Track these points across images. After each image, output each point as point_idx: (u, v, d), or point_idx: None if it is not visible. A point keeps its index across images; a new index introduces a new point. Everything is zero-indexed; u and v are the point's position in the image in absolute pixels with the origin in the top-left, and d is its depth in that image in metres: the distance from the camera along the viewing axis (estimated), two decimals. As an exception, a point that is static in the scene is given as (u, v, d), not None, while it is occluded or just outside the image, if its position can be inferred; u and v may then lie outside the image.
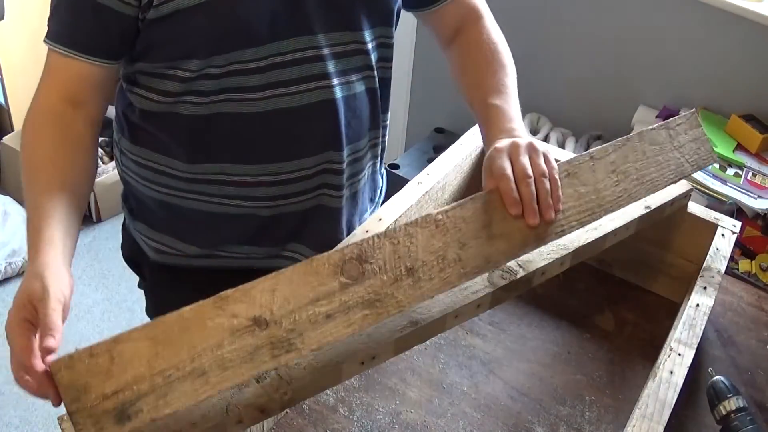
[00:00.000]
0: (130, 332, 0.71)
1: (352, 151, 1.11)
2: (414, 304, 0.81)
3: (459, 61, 1.17)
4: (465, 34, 1.17)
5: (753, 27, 1.95)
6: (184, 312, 0.73)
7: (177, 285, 1.17)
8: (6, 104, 2.65)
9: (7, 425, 2.00)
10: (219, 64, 0.98)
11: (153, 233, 1.15)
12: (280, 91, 1.01)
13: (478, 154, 1.25)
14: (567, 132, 2.31)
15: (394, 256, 0.83)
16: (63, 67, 0.98)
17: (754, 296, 1.23)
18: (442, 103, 2.63)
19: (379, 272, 0.81)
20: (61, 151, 0.97)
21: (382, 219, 1.06)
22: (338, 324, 0.77)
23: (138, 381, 0.68)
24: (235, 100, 1.00)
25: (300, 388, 0.78)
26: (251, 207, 1.08)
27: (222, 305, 0.74)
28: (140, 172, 1.11)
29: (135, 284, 1.27)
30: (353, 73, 1.07)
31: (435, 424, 0.98)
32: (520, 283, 0.94)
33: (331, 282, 0.79)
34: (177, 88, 1.01)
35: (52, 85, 0.99)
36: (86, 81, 0.99)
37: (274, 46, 0.99)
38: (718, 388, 0.95)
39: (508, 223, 0.89)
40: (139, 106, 1.06)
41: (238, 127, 1.02)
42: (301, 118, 1.03)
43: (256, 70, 0.99)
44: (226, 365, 0.71)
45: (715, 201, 1.83)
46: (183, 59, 0.98)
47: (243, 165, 1.05)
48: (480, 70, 1.12)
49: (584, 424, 1.00)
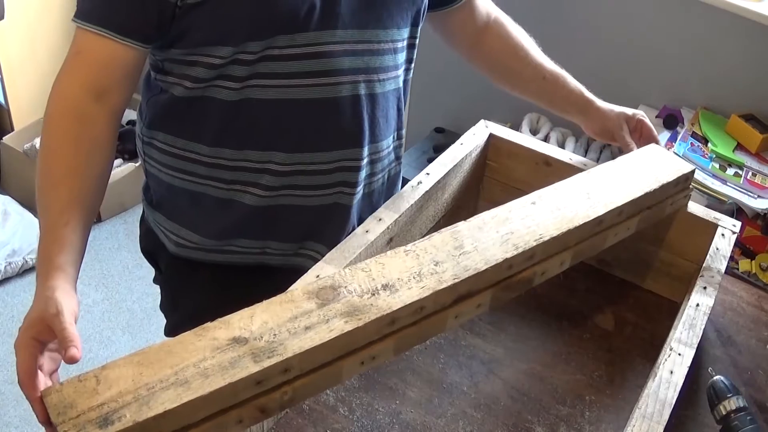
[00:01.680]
0: (116, 360, 0.75)
1: (373, 150, 1.11)
2: (395, 308, 0.81)
3: (504, 46, 1.24)
4: (496, 24, 1.23)
5: (753, 27, 1.95)
6: (167, 341, 0.77)
7: (193, 279, 1.18)
8: (6, 104, 2.65)
9: (7, 425, 2.00)
10: (253, 50, 0.98)
11: (171, 224, 1.15)
12: (309, 81, 1.02)
13: (479, 154, 1.25)
14: (567, 132, 2.30)
15: (368, 279, 0.85)
16: (95, 48, 0.95)
17: (754, 296, 1.23)
18: (442, 103, 2.63)
19: (354, 293, 0.83)
20: (82, 158, 0.95)
21: (382, 219, 1.06)
22: (319, 331, 0.78)
23: (123, 395, 0.71)
24: (266, 86, 1.01)
25: (300, 388, 0.78)
26: (268, 197, 1.08)
27: (202, 333, 0.77)
28: (162, 159, 1.11)
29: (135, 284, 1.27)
30: (382, 71, 1.08)
31: (435, 424, 0.98)
32: (520, 283, 0.94)
33: (307, 304, 0.81)
34: (208, 74, 1.01)
35: (78, 70, 0.96)
36: (116, 66, 0.96)
37: (308, 36, 0.99)
38: (718, 388, 0.95)
39: (480, 243, 0.91)
40: (170, 93, 1.05)
41: (265, 113, 1.02)
42: (327, 110, 1.04)
43: (288, 57, 0.99)
44: (207, 374, 0.73)
45: (715, 201, 1.83)
46: (216, 45, 0.98)
47: (267, 152, 1.05)
48: (534, 48, 1.26)
49: (584, 424, 1.00)
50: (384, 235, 1.05)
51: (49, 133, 0.95)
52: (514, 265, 0.92)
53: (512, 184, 1.28)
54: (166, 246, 1.18)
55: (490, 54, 1.26)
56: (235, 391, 0.73)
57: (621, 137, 1.21)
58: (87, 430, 0.68)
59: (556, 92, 1.25)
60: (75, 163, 0.94)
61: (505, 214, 0.97)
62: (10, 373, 2.16)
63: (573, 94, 1.24)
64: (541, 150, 1.24)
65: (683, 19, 2.10)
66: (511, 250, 0.91)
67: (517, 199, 1.01)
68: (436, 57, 2.65)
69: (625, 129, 1.22)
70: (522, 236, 0.93)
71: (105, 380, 0.72)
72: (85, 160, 0.95)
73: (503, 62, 1.26)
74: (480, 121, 1.29)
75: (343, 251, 1.01)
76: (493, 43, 1.25)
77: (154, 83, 1.08)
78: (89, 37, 0.95)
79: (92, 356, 2.22)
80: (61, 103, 0.96)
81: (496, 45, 1.25)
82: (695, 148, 1.98)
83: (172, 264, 1.19)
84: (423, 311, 0.85)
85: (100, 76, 0.96)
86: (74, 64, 0.96)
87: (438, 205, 1.18)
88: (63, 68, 0.97)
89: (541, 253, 0.94)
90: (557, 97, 1.26)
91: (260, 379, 0.74)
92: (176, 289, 1.23)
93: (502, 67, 1.27)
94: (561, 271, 1.00)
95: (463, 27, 1.24)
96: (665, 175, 1.09)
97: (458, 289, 0.87)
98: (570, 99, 1.25)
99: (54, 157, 0.94)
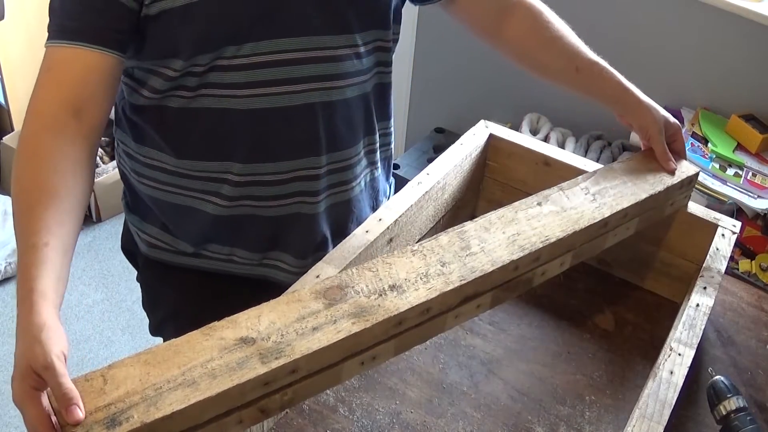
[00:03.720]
0: (123, 359, 0.74)
1: (336, 158, 1.08)
2: (402, 309, 0.81)
3: (528, 34, 1.15)
4: (519, 10, 1.15)
5: (753, 27, 1.95)
6: (174, 340, 0.76)
7: (167, 281, 1.18)
8: (6, 104, 2.65)
9: (7, 425, 2.00)
10: (202, 63, 0.97)
11: (144, 226, 1.15)
12: (262, 91, 1.00)
13: (479, 154, 1.25)
14: (567, 132, 2.30)
15: (375, 279, 0.85)
16: (68, 62, 0.92)
17: (754, 296, 1.23)
18: (442, 103, 2.63)
19: (362, 293, 0.83)
20: (60, 179, 0.88)
21: (382, 219, 1.06)
22: (326, 332, 0.78)
23: (130, 395, 0.70)
24: (218, 95, 1.00)
25: (300, 389, 0.78)
26: (229, 206, 1.07)
27: (210, 332, 0.77)
28: (133, 165, 1.11)
29: (135, 284, 1.27)
30: (341, 78, 1.04)
31: (435, 424, 0.98)
32: (520, 283, 0.94)
33: (314, 304, 0.81)
34: (163, 85, 1.00)
35: (53, 87, 0.92)
36: (92, 77, 0.93)
37: (256, 46, 0.98)
38: (718, 388, 0.95)
39: (486, 244, 0.91)
40: (129, 100, 1.06)
41: (218, 123, 1.02)
42: (281, 119, 1.02)
43: (237, 67, 0.98)
44: (215, 374, 0.73)
45: (715, 201, 1.83)
46: (169, 58, 0.97)
47: (222, 162, 1.04)
48: (567, 36, 1.16)
49: (584, 424, 1.00)
50: (384, 235, 1.05)
51: (26, 154, 0.89)
52: (520, 267, 0.92)
53: (512, 184, 1.28)
54: (139, 247, 1.18)
55: (513, 43, 1.17)
56: (243, 392, 0.73)
57: (658, 142, 1.12)
58: (94, 430, 0.68)
59: (591, 85, 1.16)
60: (53, 183, 0.87)
61: (512, 215, 0.97)
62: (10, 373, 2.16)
63: (609, 88, 1.15)
64: (541, 150, 1.24)
65: (683, 19, 2.10)
66: (518, 251, 0.91)
67: (523, 199, 1.01)
68: (436, 57, 2.66)
69: (663, 134, 1.13)
70: (528, 237, 0.93)
71: (112, 380, 0.71)
72: (64, 180, 0.88)
73: (529, 53, 1.17)
74: (480, 121, 1.29)
75: (343, 251, 1.01)
76: (514, 31, 1.16)
77: (122, 88, 1.08)
78: (62, 52, 0.92)
79: (92, 356, 2.22)
80: (38, 122, 0.90)
81: (518, 33, 1.16)
82: (695, 148, 1.98)
83: (147, 264, 1.19)
84: (429, 312, 0.85)
85: (76, 90, 0.92)
86: (47, 81, 0.92)
87: (438, 205, 1.18)
88: (36, 88, 0.92)
89: (546, 255, 0.94)
90: (593, 90, 1.17)
91: (268, 380, 0.74)
92: (154, 289, 1.23)
93: (529, 58, 1.18)
94: (561, 271, 1.00)
95: (474, 14, 1.17)
96: (670, 177, 1.09)
97: (465, 291, 0.87)
98: (606, 92, 1.15)
99: (31, 177, 0.87)
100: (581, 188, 1.04)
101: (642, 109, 1.14)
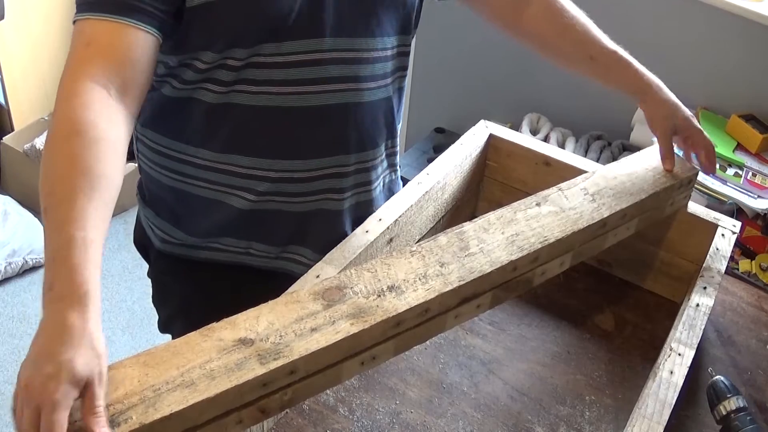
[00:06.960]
0: (121, 360, 0.74)
1: (362, 158, 1.10)
2: (400, 310, 0.81)
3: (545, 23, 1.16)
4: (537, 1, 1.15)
5: (753, 27, 1.95)
6: (173, 341, 0.76)
7: (179, 276, 1.18)
8: (6, 104, 2.65)
9: (7, 425, 2.00)
10: (239, 57, 0.97)
11: (158, 220, 1.15)
12: (296, 89, 1.01)
13: (478, 154, 1.25)
14: (567, 132, 2.30)
15: (373, 280, 0.85)
16: (111, 37, 0.83)
17: (754, 296, 1.23)
18: (442, 103, 2.63)
19: (361, 294, 0.83)
20: (102, 167, 0.79)
21: (381, 219, 1.06)
22: (325, 333, 0.78)
23: (128, 396, 0.71)
24: (252, 92, 1.00)
25: (300, 389, 0.78)
26: (253, 201, 1.08)
27: (208, 333, 0.77)
28: (154, 157, 1.11)
29: (135, 284, 1.27)
30: (372, 80, 1.06)
31: (435, 424, 0.98)
32: (520, 284, 0.94)
33: (313, 305, 0.81)
34: (194, 76, 1.00)
35: (95, 62, 0.83)
36: (139, 55, 0.86)
37: (295, 44, 0.98)
38: (718, 388, 0.95)
39: (485, 244, 0.91)
40: (159, 90, 1.05)
41: (251, 119, 1.02)
42: (314, 118, 1.03)
43: (274, 65, 0.99)
44: (213, 376, 0.73)
45: (715, 201, 1.83)
46: (202, 50, 0.97)
47: (253, 158, 1.05)
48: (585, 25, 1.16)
49: (584, 424, 1.00)
50: (384, 235, 1.05)
51: (62, 138, 0.80)
52: (518, 267, 0.92)
53: (512, 184, 1.28)
54: (152, 241, 1.18)
55: (530, 32, 1.18)
56: (241, 393, 0.73)
57: (662, 140, 1.11)
58: None
59: (608, 73, 1.16)
60: (96, 172, 0.78)
61: (510, 215, 0.97)
62: (10, 373, 2.16)
63: (626, 77, 1.14)
64: (540, 150, 1.24)
65: (683, 19, 2.10)
66: (516, 252, 0.91)
67: (522, 199, 1.01)
68: (436, 57, 2.66)
69: (670, 132, 1.11)
70: (527, 238, 0.93)
71: (111, 381, 0.71)
72: (105, 169, 0.79)
73: (546, 40, 1.18)
74: (480, 121, 1.30)
75: (343, 251, 1.01)
76: (531, 19, 1.16)
77: None
78: (102, 26, 0.83)
79: (92, 356, 2.22)
80: (77, 101, 0.80)
81: (535, 21, 1.16)
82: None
83: (160, 258, 1.19)
84: (428, 313, 0.85)
85: (123, 67, 0.84)
86: (87, 56, 0.83)
87: (438, 205, 1.18)
88: (71, 63, 0.84)
89: (545, 255, 0.94)
90: (609, 79, 1.17)
91: (266, 381, 0.74)
92: (164, 284, 1.23)
93: (546, 46, 1.19)
94: (561, 271, 1.00)
95: (492, 5, 1.18)
96: (670, 177, 1.09)
97: (463, 291, 0.87)
98: (623, 81, 1.15)
99: (72, 163, 0.78)
100: (580, 188, 1.04)
101: (655, 103, 1.13)
